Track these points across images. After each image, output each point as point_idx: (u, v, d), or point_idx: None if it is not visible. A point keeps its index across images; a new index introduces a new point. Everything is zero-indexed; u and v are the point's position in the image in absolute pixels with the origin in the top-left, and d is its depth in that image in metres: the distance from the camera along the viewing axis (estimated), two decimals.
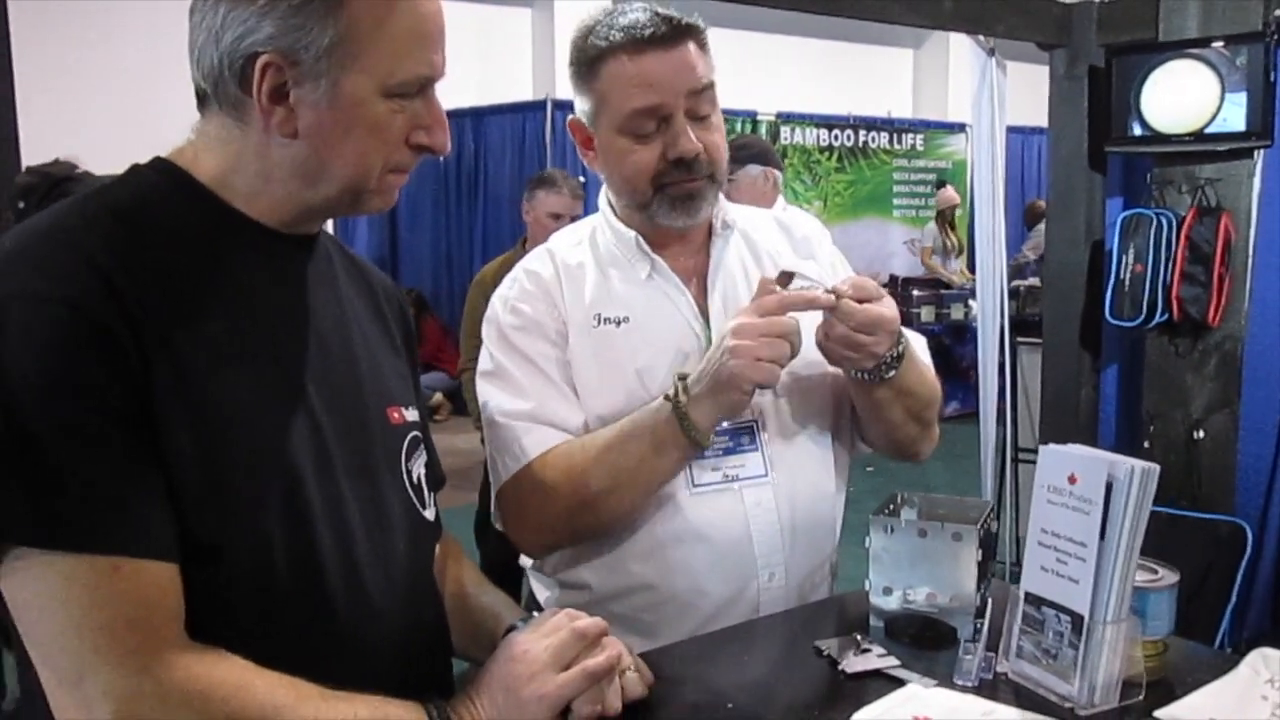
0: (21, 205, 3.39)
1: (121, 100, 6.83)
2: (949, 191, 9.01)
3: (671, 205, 1.49)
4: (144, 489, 0.89)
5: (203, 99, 1.02)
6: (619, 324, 1.51)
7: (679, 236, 1.55)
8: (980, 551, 1.33)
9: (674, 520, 1.47)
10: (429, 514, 1.19)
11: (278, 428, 0.99)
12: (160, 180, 1.02)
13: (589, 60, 1.47)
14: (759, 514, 1.49)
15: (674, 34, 1.44)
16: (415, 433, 1.18)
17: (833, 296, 1.38)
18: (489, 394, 1.52)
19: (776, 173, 3.60)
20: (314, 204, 1.04)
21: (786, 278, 1.42)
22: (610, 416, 1.47)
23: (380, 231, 8.36)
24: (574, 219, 3.62)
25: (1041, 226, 7.79)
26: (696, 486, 1.48)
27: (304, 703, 0.94)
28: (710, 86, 1.48)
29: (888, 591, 1.36)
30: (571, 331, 1.51)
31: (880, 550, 1.36)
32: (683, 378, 1.42)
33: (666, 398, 1.41)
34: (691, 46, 1.46)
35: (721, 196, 1.60)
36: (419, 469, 1.17)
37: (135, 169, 1.04)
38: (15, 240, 0.94)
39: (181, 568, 0.92)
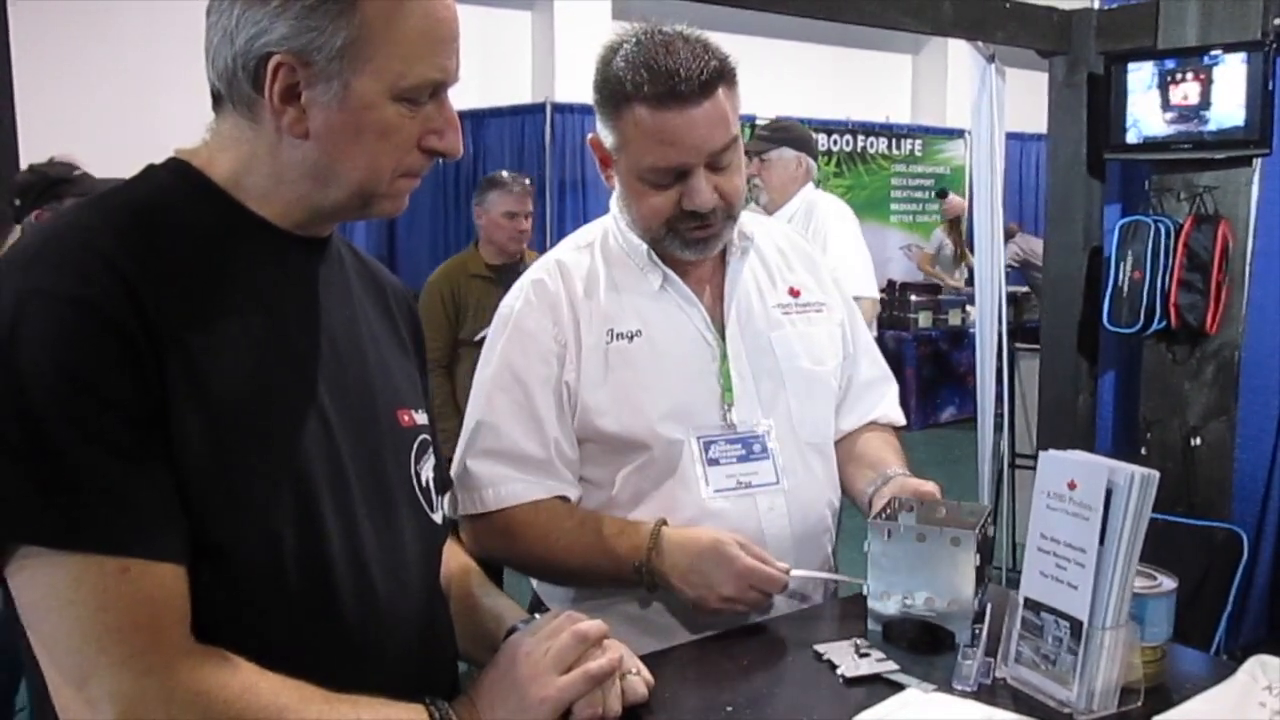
0: (18, 203, 3.40)
1: (121, 99, 6.83)
2: (956, 200, 9.00)
3: (685, 244, 1.49)
4: (154, 490, 0.90)
5: (217, 99, 1.02)
6: (631, 339, 1.51)
7: None
8: (978, 556, 1.34)
9: (692, 524, 1.47)
10: (437, 517, 1.19)
11: (289, 429, 0.99)
12: (175, 180, 1.03)
13: (613, 96, 1.43)
14: (772, 519, 1.51)
15: (702, 90, 1.39)
16: (424, 436, 1.18)
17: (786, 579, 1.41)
18: (469, 418, 1.52)
19: (811, 160, 3.61)
20: (324, 206, 1.04)
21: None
22: (621, 434, 1.49)
23: (379, 232, 8.35)
24: (527, 216, 3.88)
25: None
26: (714, 492, 1.50)
27: (307, 705, 0.94)
28: (735, 140, 1.45)
29: (886, 596, 1.36)
30: (583, 350, 1.50)
31: (879, 554, 1.37)
32: (651, 550, 1.42)
33: (635, 568, 1.42)
34: (720, 94, 1.41)
35: None
36: (427, 472, 1.17)
37: (151, 169, 1.04)
38: (34, 239, 0.94)
39: (192, 568, 0.92)
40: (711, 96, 1.41)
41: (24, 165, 5.15)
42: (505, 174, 4.09)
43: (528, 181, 4.05)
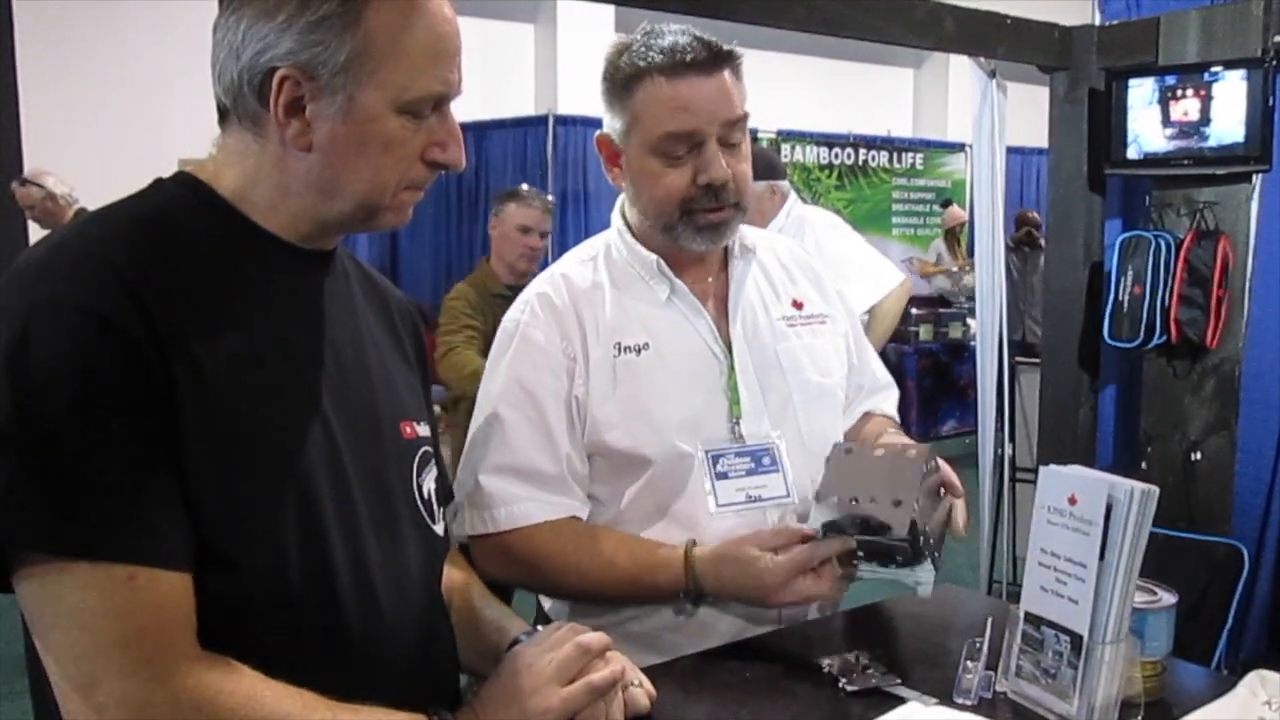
0: None
1: (125, 105, 6.85)
2: (956, 209, 9.02)
3: (697, 231, 1.49)
4: (161, 499, 0.91)
5: (224, 114, 1.04)
6: (639, 351, 1.51)
7: (697, 259, 1.56)
8: (930, 468, 1.36)
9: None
10: (438, 528, 1.20)
11: (294, 441, 1.00)
12: (183, 193, 1.04)
13: (624, 78, 1.46)
14: None
15: (713, 61, 1.44)
16: (427, 448, 1.19)
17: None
18: (479, 433, 1.51)
19: (780, 184, 3.60)
20: (329, 218, 1.05)
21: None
22: (630, 446, 1.48)
23: (381, 243, 8.37)
24: (543, 235, 3.70)
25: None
26: (720, 506, 1.49)
27: (311, 712, 0.95)
28: (745, 118, 1.48)
29: (829, 499, 1.37)
30: (591, 364, 1.50)
31: (834, 468, 1.40)
32: (694, 547, 1.44)
33: (684, 593, 1.44)
34: (728, 75, 1.45)
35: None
36: (429, 484, 1.18)
37: (159, 182, 1.06)
38: (44, 250, 0.96)
39: (198, 578, 0.93)
40: (720, 71, 1.45)
41: (27, 169, 5.20)
42: (525, 187, 3.95)
43: (550, 199, 3.87)
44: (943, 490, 1.41)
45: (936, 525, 1.37)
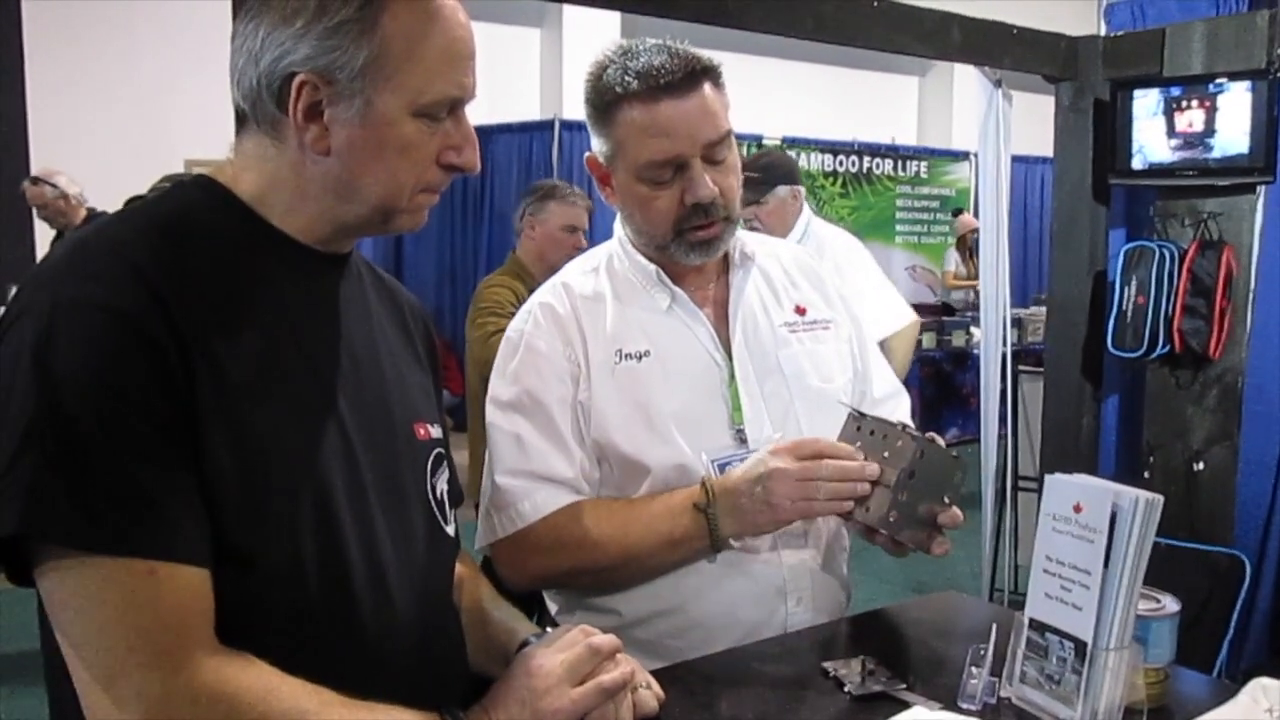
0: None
1: (131, 108, 6.88)
2: (968, 217, 9.00)
3: (691, 247, 1.51)
4: (181, 495, 0.92)
5: (242, 119, 1.05)
6: (640, 358, 1.52)
7: (696, 268, 1.58)
8: (923, 456, 1.38)
9: (706, 549, 1.47)
10: (450, 529, 1.21)
11: (311, 441, 1.02)
12: (203, 197, 1.05)
13: (604, 104, 1.47)
14: (787, 539, 1.52)
15: (690, 79, 1.44)
16: (439, 449, 1.20)
17: (866, 483, 1.39)
18: (493, 442, 1.52)
19: (798, 188, 3.61)
20: (347, 221, 1.07)
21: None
22: (632, 452, 1.49)
23: (385, 246, 8.38)
24: (584, 233, 3.48)
25: None
26: None
27: (326, 709, 0.96)
28: (728, 134, 1.48)
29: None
30: (593, 371, 1.51)
31: (844, 435, 1.45)
32: (707, 485, 1.44)
33: (696, 506, 1.44)
34: (707, 89, 1.45)
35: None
36: (442, 485, 1.19)
37: (180, 185, 1.07)
38: (67, 250, 0.97)
39: (215, 574, 0.94)
40: (698, 89, 1.45)
41: (33, 170, 5.22)
42: (560, 183, 3.70)
43: (583, 193, 3.60)
44: (947, 499, 1.42)
45: (914, 516, 1.39)
